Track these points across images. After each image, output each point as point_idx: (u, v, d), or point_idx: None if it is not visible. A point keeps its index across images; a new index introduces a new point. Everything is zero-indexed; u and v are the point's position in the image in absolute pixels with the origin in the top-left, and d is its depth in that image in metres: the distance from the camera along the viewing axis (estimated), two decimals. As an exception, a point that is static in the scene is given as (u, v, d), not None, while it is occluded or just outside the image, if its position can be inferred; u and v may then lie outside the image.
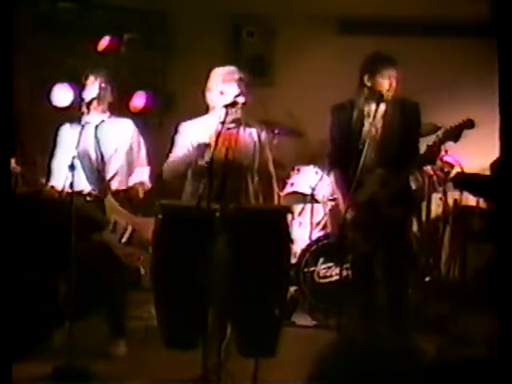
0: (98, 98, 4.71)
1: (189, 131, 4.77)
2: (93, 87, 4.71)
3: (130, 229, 4.79)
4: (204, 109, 5.35)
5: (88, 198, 4.58)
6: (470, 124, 4.58)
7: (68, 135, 4.74)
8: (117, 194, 4.79)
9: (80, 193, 4.54)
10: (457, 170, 6.08)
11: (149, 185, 4.96)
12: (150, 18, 6.95)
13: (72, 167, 4.35)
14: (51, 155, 4.83)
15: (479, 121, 6.52)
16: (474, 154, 6.32)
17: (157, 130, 7.08)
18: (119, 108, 6.45)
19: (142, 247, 4.82)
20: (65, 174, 4.58)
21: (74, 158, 4.41)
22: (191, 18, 6.74)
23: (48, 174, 4.80)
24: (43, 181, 4.66)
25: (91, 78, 4.74)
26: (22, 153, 4.74)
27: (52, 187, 4.62)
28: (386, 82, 4.61)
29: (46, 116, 5.67)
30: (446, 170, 5.98)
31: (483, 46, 4.99)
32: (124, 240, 4.76)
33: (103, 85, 4.72)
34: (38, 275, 4.82)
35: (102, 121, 4.75)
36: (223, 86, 4.69)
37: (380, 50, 4.79)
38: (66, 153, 4.66)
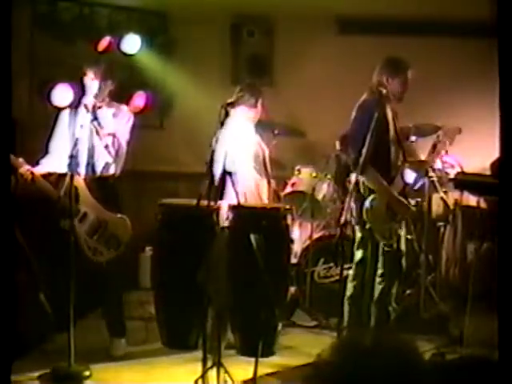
0: (99, 94, 4.69)
1: None
2: (93, 85, 4.67)
3: (98, 223, 4.71)
4: (204, 109, 5.36)
5: (72, 186, 4.42)
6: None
7: (66, 120, 4.73)
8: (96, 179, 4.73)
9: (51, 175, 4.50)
10: (457, 169, 6.08)
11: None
12: (150, 18, 6.95)
13: (72, 156, 4.35)
14: (49, 137, 4.80)
15: (479, 121, 6.55)
16: (474, 154, 6.32)
17: (157, 130, 7.09)
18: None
19: (107, 243, 4.75)
20: (59, 155, 4.62)
21: (74, 147, 4.40)
22: (191, 17, 6.73)
23: (45, 153, 4.77)
24: (20, 160, 4.57)
25: (90, 75, 4.70)
26: (21, 153, 4.73)
27: (28, 170, 4.53)
28: (403, 85, 4.80)
29: (46, 116, 5.66)
30: (446, 170, 5.98)
31: (483, 46, 4.99)
32: (91, 233, 4.70)
33: (103, 84, 4.69)
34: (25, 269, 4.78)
35: (100, 107, 4.68)
36: None
37: (397, 55, 4.97)
38: (63, 137, 4.68)
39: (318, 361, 1.66)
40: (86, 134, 4.65)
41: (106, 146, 4.68)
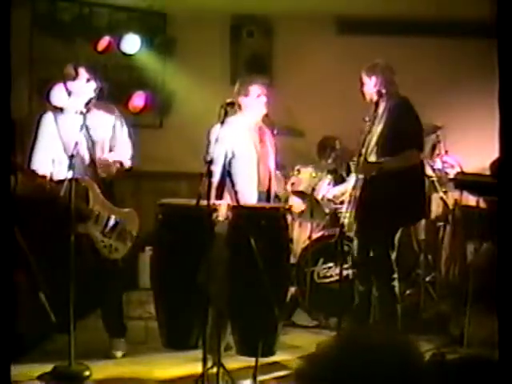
0: (98, 94, 4.67)
1: None
2: (89, 86, 4.64)
3: (111, 220, 4.73)
4: (203, 109, 5.35)
5: (72, 187, 4.39)
6: None
7: (51, 123, 4.66)
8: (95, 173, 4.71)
9: (63, 181, 4.45)
10: (457, 169, 6.08)
11: (127, 165, 4.85)
12: (150, 18, 6.96)
13: (72, 156, 4.34)
14: (33, 143, 4.71)
15: (479, 121, 6.55)
16: (474, 154, 6.32)
17: (157, 130, 7.09)
18: (118, 108, 6.48)
19: (122, 239, 4.78)
20: (47, 161, 4.57)
21: (75, 146, 4.39)
22: (191, 18, 6.74)
23: (29, 161, 4.69)
24: (36, 170, 4.55)
25: (83, 73, 4.65)
26: (21, 153, 4.72)
27: (43, 177, 4.51)
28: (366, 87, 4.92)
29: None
30: (445, 169, 5.98)
31: (483, 46, 4.98)
32: (106, 232, 4.70)
33: (98, 83, 4.67)
34: (29, 272, 4.78)
35: (88, 108, 4.64)
36: None
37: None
38: (49, 141, 4.62)
39: (313, 356, 1.66)
40: (86, 135, 4.63)
41: (110, 147, 4.71)
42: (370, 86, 4.88)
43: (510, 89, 2.79)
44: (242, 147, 4.97)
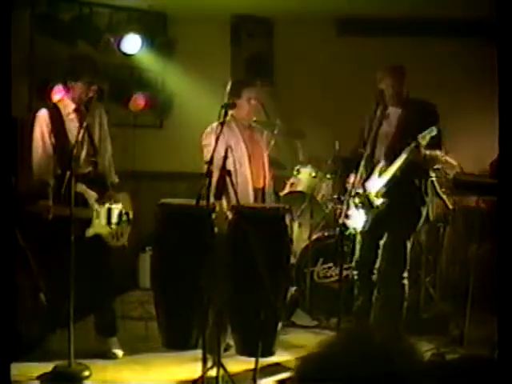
0: (100, 96, 4.67)
1: None
2: (89, 87, 4.63)
3: (108, 208, 4.74)
4: (203, 109, 5.36)
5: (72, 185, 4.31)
6: None
7: (47, 121, 4.61)
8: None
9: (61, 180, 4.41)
10: (457, 170, 6.07)
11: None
12: (150, 18, 6.95)
13: (72, 156, 4.33)
14: (30, 140, 4.64)
15: (479, 121, 6.55)
16: (474, 154, 6.32)
17: (157, 130, 7.09)
18: (119, 108, 6.48)
19: (121, 222, 4.80)
20: (43, 160, 4.54)
21: (74, 147, 4.38)
22: (191, 18, 6.73)
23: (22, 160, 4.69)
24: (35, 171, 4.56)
25: (85, 74, 4.63)
26: (21, 153, 4.72)
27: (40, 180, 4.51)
28: (390, 87, 4.85)
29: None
30: (445, 170, 5.97)
31: (483, 46, 4.99)
32: (110, 220, 4.73)
33: (99, 83, 4.66)
34: (33, 276, 4.78)
35: (85, 107, 4.63)
36: None
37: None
38: (46, 139, 4.59)
39: (312, 354, 1.66)
40: (84, 134, 4.63)
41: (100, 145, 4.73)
42: (381, 88, 4.87)
43: (509, 89, 2.80)
44: (235, 147, 4.96)
